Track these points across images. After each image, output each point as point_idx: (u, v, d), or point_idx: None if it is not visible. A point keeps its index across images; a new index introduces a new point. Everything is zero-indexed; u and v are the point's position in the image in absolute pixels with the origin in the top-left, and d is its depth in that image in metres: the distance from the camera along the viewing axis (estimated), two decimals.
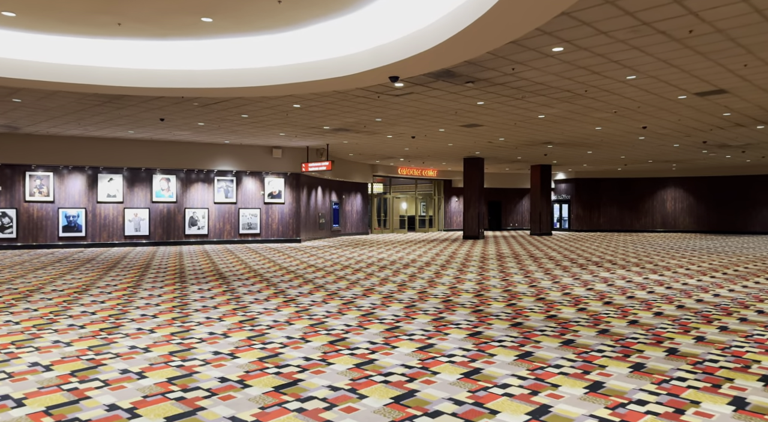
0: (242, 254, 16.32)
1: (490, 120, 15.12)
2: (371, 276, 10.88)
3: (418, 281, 10.21)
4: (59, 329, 6.22)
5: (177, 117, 14.81)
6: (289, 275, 11.17)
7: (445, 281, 10.22)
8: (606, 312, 7.25)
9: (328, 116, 14.66)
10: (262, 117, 14.86)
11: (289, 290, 9.14)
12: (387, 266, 12.87)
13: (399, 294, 8.63)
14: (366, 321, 6.65)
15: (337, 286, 9.53)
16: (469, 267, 12.57)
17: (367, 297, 8.41)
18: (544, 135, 18.02)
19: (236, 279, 10.56)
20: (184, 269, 12.27)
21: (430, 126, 16.26)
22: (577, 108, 13.40)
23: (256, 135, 18.28)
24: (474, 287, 9.45)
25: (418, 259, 14.64)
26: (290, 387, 4.24)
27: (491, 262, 13.84)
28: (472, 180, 25.73)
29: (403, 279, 10.54)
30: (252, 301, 8.03)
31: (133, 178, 19.82)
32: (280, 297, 8.44)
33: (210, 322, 6.55)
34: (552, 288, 9.39)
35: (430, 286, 9.52)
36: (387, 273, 11.41)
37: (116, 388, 4.22)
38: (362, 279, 10.55)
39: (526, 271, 11.83)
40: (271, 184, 21.73)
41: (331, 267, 12.73)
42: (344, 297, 8.34)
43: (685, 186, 33.09)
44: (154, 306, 7.54)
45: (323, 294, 8.72)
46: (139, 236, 19.83)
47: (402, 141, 19.65)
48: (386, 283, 9.90)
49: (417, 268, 12.39)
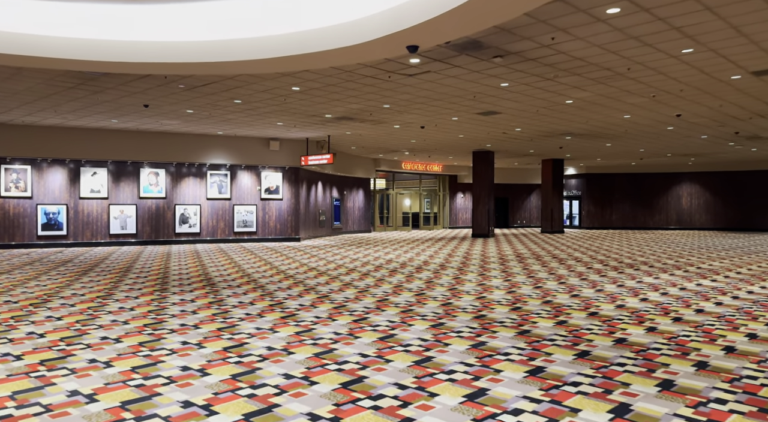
0: (236, 254, 14.84)
1: (510, 106, 13.64)
2: (382, 283, 9.42)
3: (437, 289, 8.75)
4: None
5: (162, 103, 13.31)
6: (288, 281, 9.70)
7: (469, 289, 8.76)
8: (684, 333, 5.78)
9: (331, 102, 13.17)
10: (257, 103, 13.37)
11: (288, 301, 7.66)
12: (397, 269, 11.41)
13: (419, 307, 7.16)
14: (386, 347, 5.19)
15: (344, 296, 8.06)
16: (490, 271, 11.11)
17: (382, 311, 6.94)
18: (565, 124, 16.55)
19: (226, 286, 9.09)
20: (168, 273, 10.80)
21: (443, 114, 14.78)
22: (611, 92, 11.92)
23: (252, 125, 16.79)
24: (506, 297, 7.99)
25: (431, 261, 13.18)
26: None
27: (513, 265, 12.38)
28: (481, 175, 24.26)
29: (419, 286, 9.07)
30: (242, 317, 6.56)
31: (118, 172, 18.32)
32: (276, 310, 6.97)
33: (185, 350, 5.09)
34: (599, 298, 7.93)
35: (453, 296, 8.06)
36: (399, 279, 9.94)
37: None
38: (371, 286, 9.09)
39: (557, 276, 10.37)
40: (268, 178, 20.24)
41: (334, 270, 11.26)
42: (354, 311, 6.88)
43: (701, 181, 31.63)
44: (122, 323, 6.08)
45: (328, 307, 7.25)
46: (125, 235, 18.34)
47: (409, 132, 18.17)
48: (401, 291, 8.44)
49: (432, 272, 10.93)
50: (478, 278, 10.05)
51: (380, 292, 8.41)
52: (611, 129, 17.45)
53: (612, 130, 17.61)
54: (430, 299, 7.81)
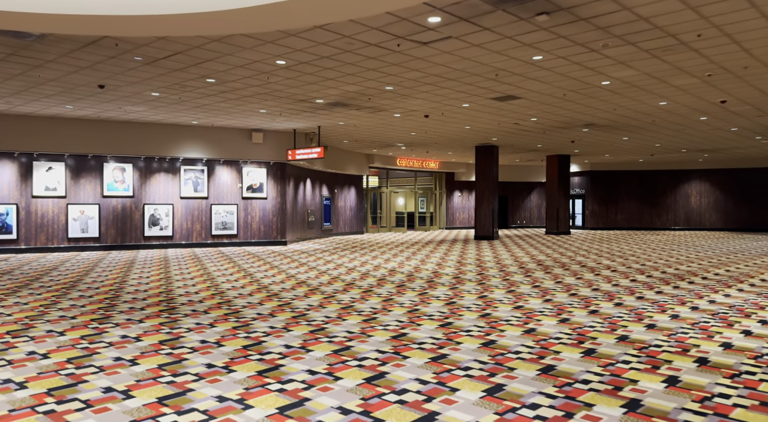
0: (212, 262, 12.70)
1: (535, 88, 11.64)
2: (391, 305, 7.35)
3: (465, 317, 6.70)
4: None
5: (120, 82, 11.13)
6: (271, 302, 7.61)
7: (505, 315, 6.73)
8: None
9: (323, 82, 11.09)
10: (235, 83, 11.24)
11: (269, 341, 5.57)
12: (405, 283, 9.35)
13: (450, 347, 5.11)
14: (423, 415, 3.14)
15: (346, 330, 5.99)
16: (518, 285, 9.09)
17: (403, 358, 4.87)
18: (590, 112, 14.60)
19: (190, 311, 6.97)
20: (123, 288, 8.65)
21: (454, 99, 12.75)
22: (661, 69, 9.96)
23: (231, 112, 14.64)
24: (563, 331, 5.96)
25: (440, 270, 11.14)
26: None
27: (540, 277, 10.38)
28: (484, 171, 22.27)
29: (439, 311, 7.03)
30: (201, 375, 4.46)
31: (78, 167, 16.07)
32: (251, 357, 4.87)
33: (106, 402, 3.05)
34: (685, 331, 5.93)
35: (490, 326, 6.02)
36: (411, 300, 7.88)
37: None
38: (378, 310, 7.02)
39: (605, 293, 8.37)
40: (251, 175, 18.09)
41: (328, 284, 9.17)
42: (363, 358, 4.81)
43: (711, 179, 29.93)
44: (40, 357, 3.98)
45: (326, 351, 5.16)
46: (86, 238, 16.08)
47: (411, 122, 16.12)
48: (419, 319, 6.38)
49: (448, 287, 8.88)
50: (509, 297, 8.02)
51: (392, 321, 6.35)
52: (638, 119, 15.53)
53: (638, 120, 15.69)
54: (462, 334, 5.76)
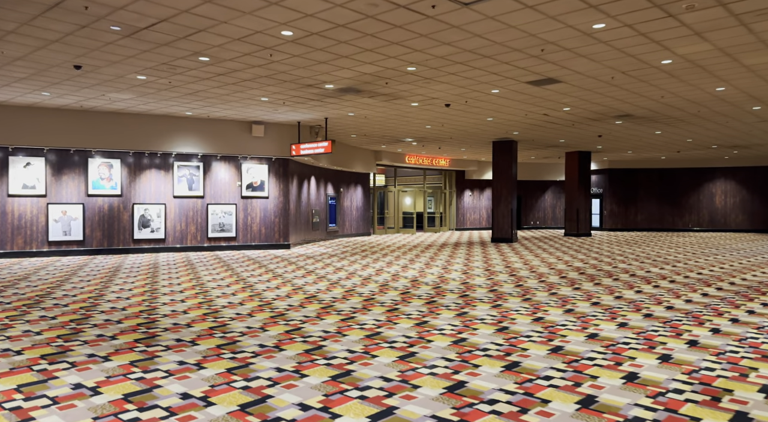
0: (206, 270, 11.13)
1: (582, 69, 10.06)
2: (428, 332, 5.77)
3: (532, 352, 5.13)
4: None
5: (98, 61, 9.56)
6: (277, 328, 6.03)
7: (578, 346, 5.16)
8: None
9: (336, 61, 9.52)
10: (233, 62, 9.67)
11: (282, 395, 3.99)
12: (434, 298, 7.77)
13: (531, 403, 3.55)
14: None
15: (379, 370, 4.41)
16: (574, 303, 7.52)
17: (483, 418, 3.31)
18: (633, 100, 13.02)
19: (173, 342, 5.40)
20: (96, 305, 7.08)
21: (484, 83, 11.18)
22: (742, 42, 8.38)
23: (228, 101, 13.07)
24: (676, 378, 4.40)
25: (470, 281, 9.56)
26: None
27: (590, 287, 8.80)
28: (502, 168, 20.69)
29: (489, 339, 5.45)
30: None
31: (60, 163, 14.50)
32: (250, 411, 3.31)
33: None
34: None
35: (569, 368, 4.46)
36: (450, 322, 6.30)
37: None
38: (415, 341, 5.45)
39: (690, 315, 6.79)
40: (251, 171, 16.52)
41: (343, 300, 7.59)
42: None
43: (737, 177, 28.33)
44: None
45: (360, 410, 3.58)
46: (69, 242, 14.51)
47: (429, 112, 14.54)
48: (474, 357, 4.79)
49: (489, 303, 7.30)
50: (571, 319, 6.45)
51: (435, 358, 4.77)
52: (683, 109, 13.95)
53: (683, 110, 14.10)
54: (541, 382, 4.18)
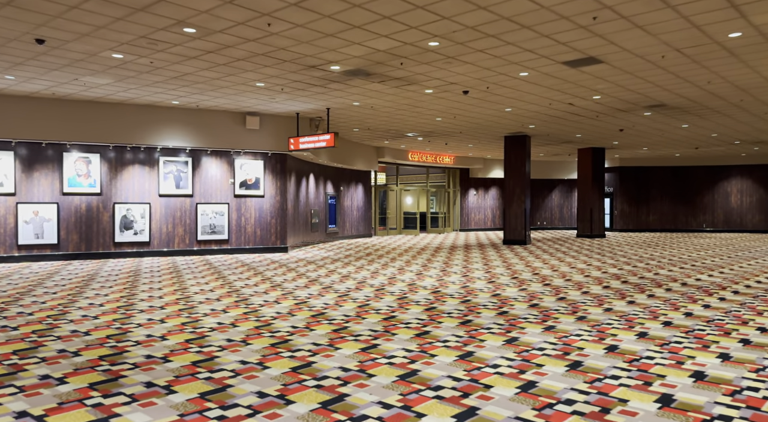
0: (194, 278, 9.67)
1: (631, 44, 8.68)
2: (477, 370, 4.34)
3: (634, 403, 3.73)
4: None
5: (64, 32, 8.10)
6: (281, 364, 4.61)
7: (687, 393, 3.76)
8: None
9: (347, 32, 8.10)
10: (224, 35, 8.24)
11: None
12: (467, 314, 6.36)
13: None
14: None
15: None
16: (639, 322, 6.13)
17: None
18: (674, 86, 11.66)
19: (143, 387, 3.96)
20: (55, 328, 5.63)
21: (514, 63, 9.78)
22: None
23: (220, 87, 11.62)
24: None
25: (502, 293, 8.15)
26: None
27: (643, 300, 7.41)
28: (515, 165, 19.31)
29: (566, 383, 4.04)
30: None
31: (31, 158, 13.00)
32: None
33: None
34: None
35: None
36: (502, 355, 4.87)
37: None
38: (464, 386, 4.01)
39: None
40: (245, 168, 15.06)
41: (359, 319, 6.17)
42: None
43: (754, 175, 27.08)
44: None
45: None
46: (41, 245, 13.01)
47: (442, 102, 13.13)
48: (562, 419, 3.40)
49: (538, 324, 5.90)
50: (659, 353, 5.04)
51: (508, 419, 3.37)
52: (725, 97, 12.61)
53: (725, 99, 12.76)
54: None
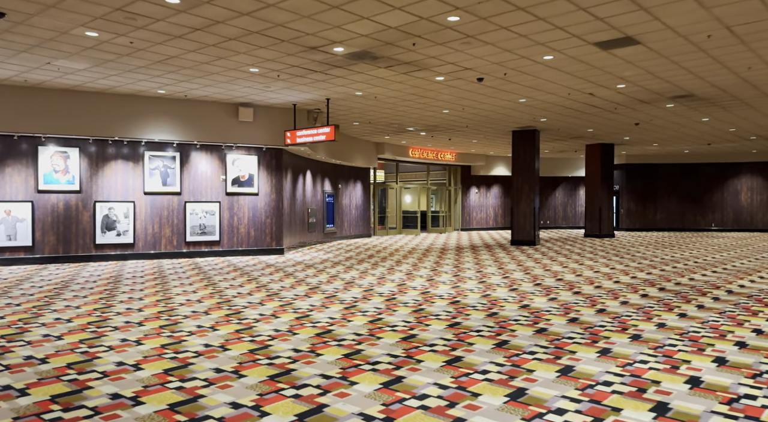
0: (181, 284, 8.58)
1: (675, 21, 7.66)
2: (541, 413, 3.33)
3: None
4: None
5: (25, 4, 6.98)
6: (282, 406, 3.54)
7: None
8: None
9: (354, 3, 7.04)
10: (212, 6, 7.15)
11: None
12: (499, 332, 5.33)
13: None
14: None
15: None
16: (708, 344, 5.12)
17: None
18: (709, 74, 10.68)
19: None
20: (5, 352, 4.58)
21: (540, 44, 8.75)
22: None
23: (209, 74, 10.53)
24: None
25: (530, 304, 7.13)
26: None
27: (694, 312, 6.40)
28: (524, 161, 18.31)
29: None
30: None
31: (2, 152, 11.85)
32: None
33: None
34: None
35: None
36: (571, 401, 3.87)
37: None
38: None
39: None
40: (238, 163, 13.97)
41: (373, 339, 5.11)
42: None
43: (765, 172, 26.25)
44: None
45: None
46: (14, 248, 11.88)
47: (452, 91, 12.09)
48: None
49: (588, 346, 4.87)
50: (756, 389, 4.04)
51: None
52: (762, 86, 11.65)
53: (761, 87, 11.78)
54: None
